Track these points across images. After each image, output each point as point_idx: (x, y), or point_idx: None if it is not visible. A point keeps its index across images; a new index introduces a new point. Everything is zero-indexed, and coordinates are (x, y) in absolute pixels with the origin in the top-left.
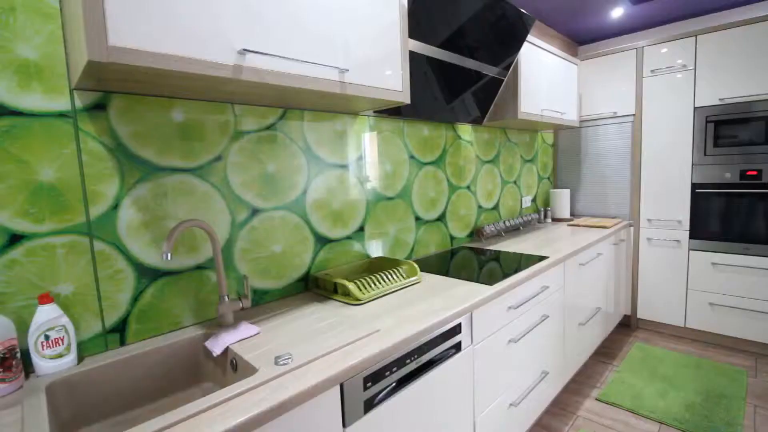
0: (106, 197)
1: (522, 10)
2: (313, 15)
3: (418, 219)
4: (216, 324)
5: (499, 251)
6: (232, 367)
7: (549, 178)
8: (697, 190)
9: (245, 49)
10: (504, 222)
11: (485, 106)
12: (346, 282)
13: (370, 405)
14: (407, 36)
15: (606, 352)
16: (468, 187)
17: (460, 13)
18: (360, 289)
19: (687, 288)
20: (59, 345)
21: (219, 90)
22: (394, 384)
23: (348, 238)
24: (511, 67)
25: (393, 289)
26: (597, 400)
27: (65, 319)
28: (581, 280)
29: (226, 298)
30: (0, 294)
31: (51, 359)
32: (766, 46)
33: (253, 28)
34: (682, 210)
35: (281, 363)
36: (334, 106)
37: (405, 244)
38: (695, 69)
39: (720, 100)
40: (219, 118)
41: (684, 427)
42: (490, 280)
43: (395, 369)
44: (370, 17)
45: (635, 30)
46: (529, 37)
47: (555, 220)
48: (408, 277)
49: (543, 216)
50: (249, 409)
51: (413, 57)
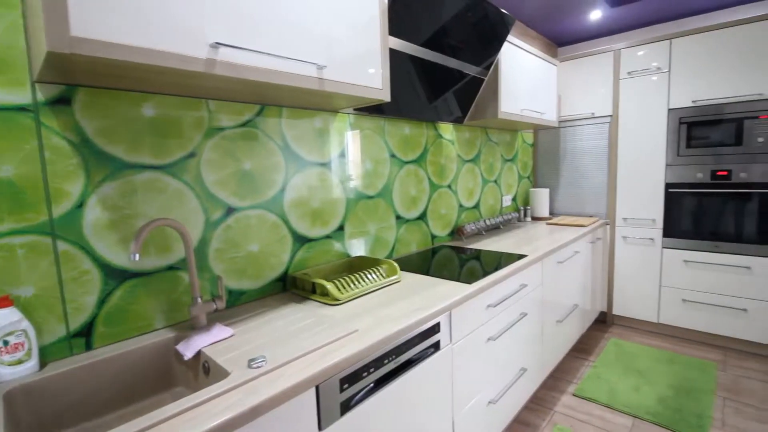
0: (70, 195)
1: (503, 10)
2: (291, 9)
3: (398, 218)
4: (189, 326)
5: (480, 250)
6: (204, 371)
7: (529, 177)
8: (671, 189)
9: (218, 43)
10: (484, 221)
11: (466, 105)
12: (324, 282)
13: (346, 407)
14: (387, 33)
15: (582, 347)
16: (449, 186)
17: (442, 12)
18: (339, 289)
19: (660, 285)
20: (19, 350)
21: (192, 85)
22: (371, 385)
23: (327, 237)
24: (492, 67)
25: (372, 289)
26: (573, 395)
27: (26, 323)
28: (559, 277)
29: (199, 299)
30: None
31: (10, 365)
32: (736, 50)
33: (227, 21)
34: (656, 209)
35: (254, 366)
36: (313, 103)
37: (385, 243)
38: (670, 71)
39: (693, 102)
40: (192, 113)
41: (657, 421)
42: (469, 278)
43: (373, 370)
44: (349, 13)
45: (613, 32)
46: (510, 38)
47: (534, 218)
48: (388, 277)
49: (523, 215)
50: (219, 414)
51: (396, 55)
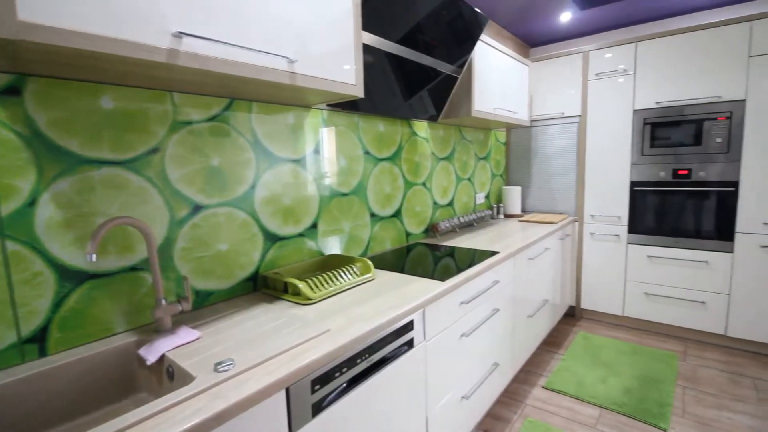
0: (20, 192)
1: (477, 9)
2: (260, 1)
3: (373, 215)
4: (152, 330)
5: (454, 247)
6: (168, 376)
7: (502, 175)
8: (635, 187)
9: (181, 32)
10: (458, 218)
11: (440, 103)
12: (296, 281)
13: (318, 408)
14: (360, 28)
15: (552, 341)
16: (423, 184)
17: (417, 9)
18: (311, 288)
19: (625, 279)
20: None
21: (154, 76)
22: (344, 385)
23: (300, 235)
24: (466, 66)
25: (346, 287)
26: (544, 388)
27: None
28: (530, 273)
29: (163, 301)
30: None
31: None
32: (696, 54)
33: (192, 10)
34: (621, 206)
35: (221, 369)
36: (284, 98)
37: (360, 240)
38: (635, 73)
39: (656, 103)
40: (155, 106)
41: (622, 411)
42: (443, 275)
43: (345, 369)
44: (321, 6)
45: (583, 35)
46: (484, 37)
47: (507, 216)
48: (362, 275)
49: (496, 212)
50: (183, 421)
51: (371, 51)
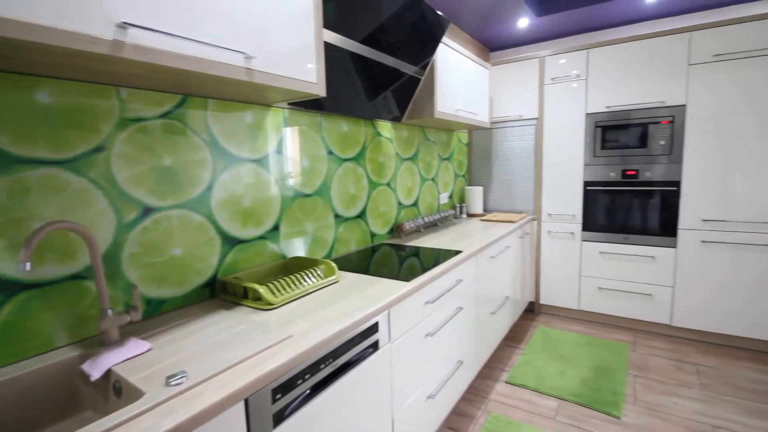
0: None
1: (439, 12)
2: None
3: (337, 216)
4: (98, 342)
5: (418, 247)
6: (115, 392)
7: (464, 175)
8: (588, 187)
9: (126, 23)
10: (423, 218)
11: (404, 104)
12: (256, 285)
13: (280, 417)
14: (321, 25)
15: (514, 336)
16: (388, 184)
17: (380, 9)
18: (272, 293)
19: (580, 275)
20: None
21: (97, 69)
22: (307, 392)
23: (261, 237)
24: (428, 67)
25: (309, 291)
26: (506, 382)
27: None
28: (492, 271)
29: (109, 311)
30: None
31: None
32: (643, 61)
33: None
34: (575, 205)
35: (173, 383)
36: (242, 95)
37: (324, 242)
38: (587, 79)
39: (607, 107)
40: (100, 102)
41: (579, 401)
42: (408, 276)
43: (308, 376)
44: (280, 2)
45: (539, 40)
46: (446, 40)
47: (470, 215)
48: (326, 277)
49: (459, 212)
50: None
51: (335, 51)
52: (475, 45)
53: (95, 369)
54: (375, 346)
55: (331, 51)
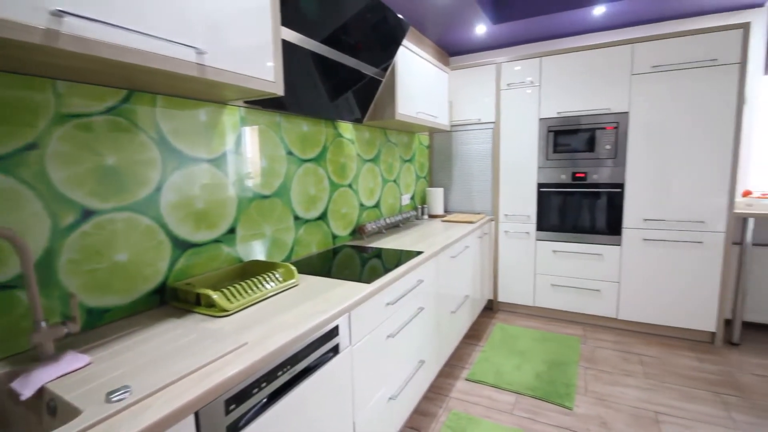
0: None
1: (399, 15)
2: None
3: (297, 218)
4: (30, 358)
5: (380, 248)
6: (49, 412)
7: (425, 177)
8: (542, 189)
9: (62, 11)
10: (385, 219)
11: (365, 105)
12: (210, 291)
13: (234, 429)
14: (279, 23)
15: (474, 334)
16: (350, 186)
17: (341, 10)
18: (227, 299)
19: (535, 272)
20: None
21: (30, 60)
22: (264, 400)
23: (216, 241)
24: (389, 70)
25: (267, 295)
26: (466, 380)
27: None
28: (452, 271)
29: (43, 323)
30: None
31: None
32: (590, 70)
33: None
34: (530, 206)
35: (115, 399)
36: (195, 92)
37: (283, 245)
38: (540, 85)
39: (558, 113)
40: (32, 95)
41: (534, 394)
42: (368, 278)
43: (265, 384)
44: None
45: (497, 47)
46: (406, 43)
47: (431, 216)
48: (284, 281)
49: (420, 213)
50: None
51: (296, 50)
52: (435, 49)
53: (26, 387)
54: (335, 349)
55: (292, 50)
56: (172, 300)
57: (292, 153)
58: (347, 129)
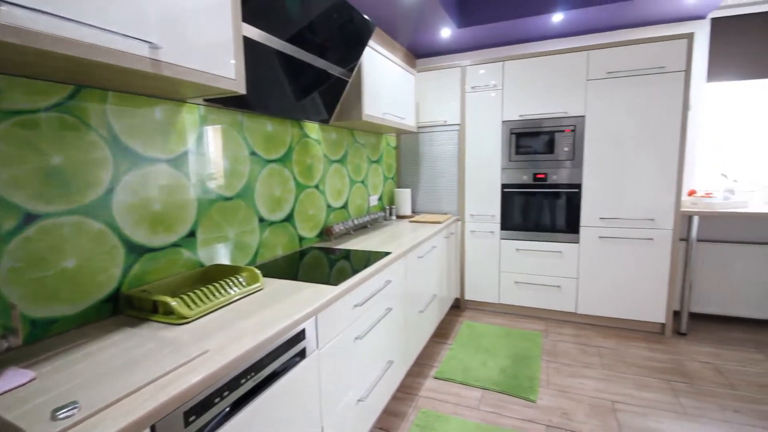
0: None
1: (365, 16)
2: None
3: (262, 220)
4: None
5: (348, 250)
6: None
7: (393, 178)
8: (505, 189)
9: None
10: (353, 220)
11: (332, 106)
12: (167, 298)
13: None
14: (240, 19)
15: (442, 333)
16: (317, 187)
17: (306, 10)
18: (187, 305)
19: (499, 270)
20: None
21: None
22: (227, 409)
23: (174, 245)
24: (355, 70)
25: (230, 301)
26: (435, 378)
27: None
28: (420, 271)
29: None
30: None
31: None
32: (549, 75)
33: None
34: (494, 206)
35: (62, 416)
36: (150, 88)
37: (247, 248)
38: (503, 89)
39: (520, 116)
40: None
41: (499, 389)
42: (336, 280)
43: (227, 393)
44: None
45: (462, 50)
46: (373, 44)
47: (399, 217)
48: (248, 285)
49: (388, 213)
50: None
51: (261, 48)
52: (402, 51)
53: None
54: (302, 354)
55: (255, 48)
56: (126, 308)
57: (255, 153)
58: (314, 129)
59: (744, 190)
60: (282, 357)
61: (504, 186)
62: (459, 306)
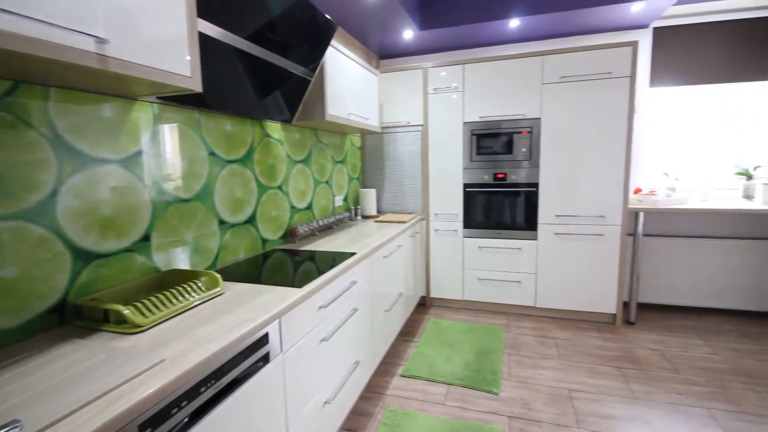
0: None
1: (327, 15)
2: None
3: (222, 222)
4: None
5: (313, 251)
6: None
7: (358, 178)
8: (467, 189)
9: None
10: (317, 221)
11: (294, 105)
12: (119, 306)
13: None
14: (195, 14)
15: (408, 331)
16: (280, 187)
17: (266, 8)
18: (141, 313)
19: (463, 268)
20: None
21: None
22: (185, 420)
23: (127, 250)
24: (318, 70)
25: (188, 307)
26: (401, 376)
27: None
28: (385, 271)
29: None
30: None
31: None
32: (507, 78)
33: None
34: (457, 205)
35: None
36: (97, 85)
37: (207, 251)
38: (464, 91)
39: (480, 117)
40: None
41: (464, 383)
42: (300, 282)
43: (186, 403)
44: None
45: (425, 52)
46: (336, 44)
47: (364, 217)
48: (208, 290)
49: (354, 214)
50: None
51: (219, 46)
52: (365, 52)
53: None
54: (265, 358)
55: (213, 45)
56: (74, 318)
57: (215, 153)
58: (276, 129)
59: (684, 188)
60: (244, 362)
61: (466, 185)
62: (425, 304)
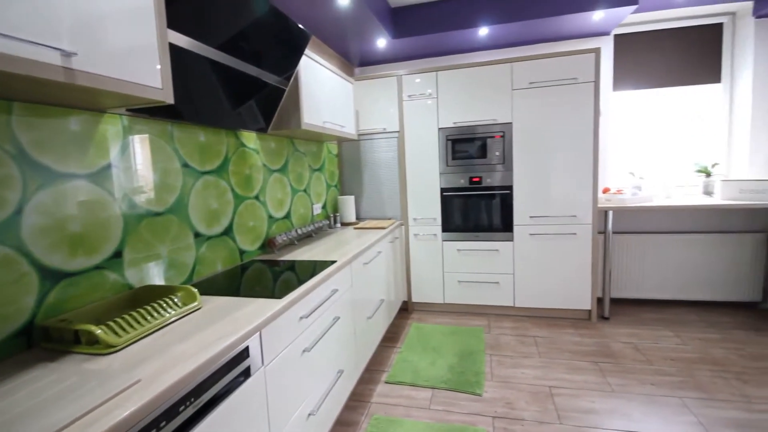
0: None
1: (300, 25)
2: None
3: (198, 235)
4: None
5: (293, 261)
6: None
7: (336, 185)
8: (444, 193)
9: None
10: (296, 230)
11: (269, 114)
12: (91, 326)
13: None
14: (165, 25)
15: (391, 336)
16: (257, 197)
17: (237, 17)
18: (115, 332)
19: (443, 271)
20: None
21: None
22: None
23: (98, 267)
24: (292, 78)
25: (164, 323)
26: (386, 382)
27: None
28: (366, 277)
29: None
30: None
31: None
32: (479, 84)
33: None
34: (435, 209)
35: None
36: (63, 98)
37: (182, 265)
38: (438, 97)
39: (454, 123)
40: None
41: (448, 386)
42: (279, 292)
43: (164, 423)
44: None
45: (399, 60)
46: (310, 53)
47: (344, 224)
48: (185, 305)
49: (333, 221)
50: None
51: (191, 56)
52: (340, 60)
53: None
54: (246, 372)
55: (184, 56)
56: (42, 341)
57: (188, 165)
58: (251, 139)
59: (649, 186)
60: (224, 378)
61: (443, 190)
62: (407, 308)
